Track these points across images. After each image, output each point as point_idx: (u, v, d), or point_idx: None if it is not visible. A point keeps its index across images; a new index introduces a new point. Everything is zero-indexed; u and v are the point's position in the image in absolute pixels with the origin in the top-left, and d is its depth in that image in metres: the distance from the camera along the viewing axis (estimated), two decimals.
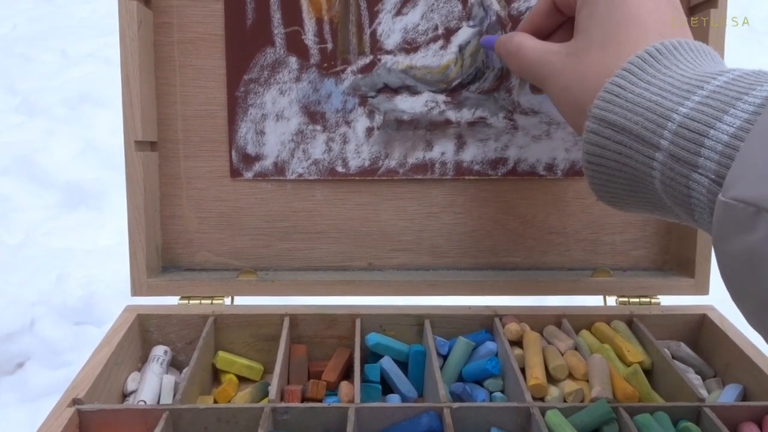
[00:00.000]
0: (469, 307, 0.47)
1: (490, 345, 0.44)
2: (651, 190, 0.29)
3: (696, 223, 0.27)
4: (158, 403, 0.40)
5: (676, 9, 0.34)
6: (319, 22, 0.46)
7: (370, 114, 0.47)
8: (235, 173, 0.47)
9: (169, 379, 0.41)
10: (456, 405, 0.36)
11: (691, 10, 0.47)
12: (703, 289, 0.48)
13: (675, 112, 0.26)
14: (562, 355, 0.43)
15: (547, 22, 0.39)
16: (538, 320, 0.46)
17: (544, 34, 0.40)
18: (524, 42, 0.38)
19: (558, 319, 0.46)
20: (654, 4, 0.33)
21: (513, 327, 0.44)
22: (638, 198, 0.31)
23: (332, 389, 0.42)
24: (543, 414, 0.36)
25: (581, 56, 0.34)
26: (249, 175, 0.47)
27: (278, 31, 0.46)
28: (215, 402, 0.41)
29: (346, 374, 0.45)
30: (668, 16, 0.33)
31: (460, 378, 0.43)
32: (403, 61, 0.46)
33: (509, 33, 0.41)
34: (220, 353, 0.44)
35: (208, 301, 0.46)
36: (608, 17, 0.33)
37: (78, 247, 1.11)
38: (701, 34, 0.45)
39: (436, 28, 0.46)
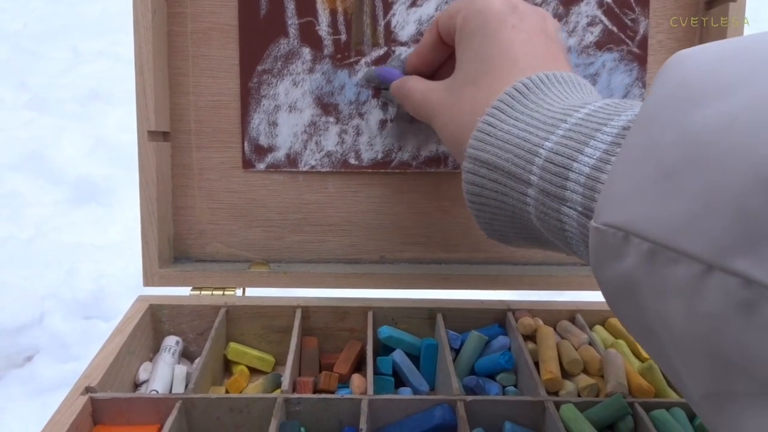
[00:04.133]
0: (482, 301, 0.46)
1: (503, 339, 0.43)
2: (531, 226, 0.29)
3: (575, 254, 0.27)
4: (170, 393, 0.40)
5: (551, 40, 0.34)
6: (333, 13, 0.45)
7: (384, 106, 0.47)
8: (247, 164, 0.47)
9: (181, 370, 0.41)
10: (470, 398, 0.36)
11: (708, 5, 0.46)
12: None
13: (541, 147, 0.26)
14: (576, 349, 0.42)
15: (434, 54, 0.40)
16: (551, 315, 0.46)
17: (433, 66, 0.41)
18: (413, 84, 0.39)
19: (572, 314, 0.46)
20: (526, 37, 0.33)
21: (526, 321, 0.44)
22: (522, 234, 0.31)
23: (344, 382, 0.42)
24: (558, 408, 0.36)
25: (456, 93, 0.34)
26: (261, 166, 0.47)
27: (292, 21, 0.45)
28: (227, 393, 0.41)
29: (358, 367, 0.44)
30: (542, 49, 0.33)
31: (473, 372, 0.43)
32: None
33: (402, 77, 0.41)
34: (232, 344, 0.44)
35: (220, 292, 0.46)
36: (481, 53, 0.33)
37: (88, 243, 1.11)
38: (719, 30, 0.45)
39: None
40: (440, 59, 0.40)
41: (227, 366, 0.45)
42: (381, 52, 0.46)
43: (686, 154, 0.18)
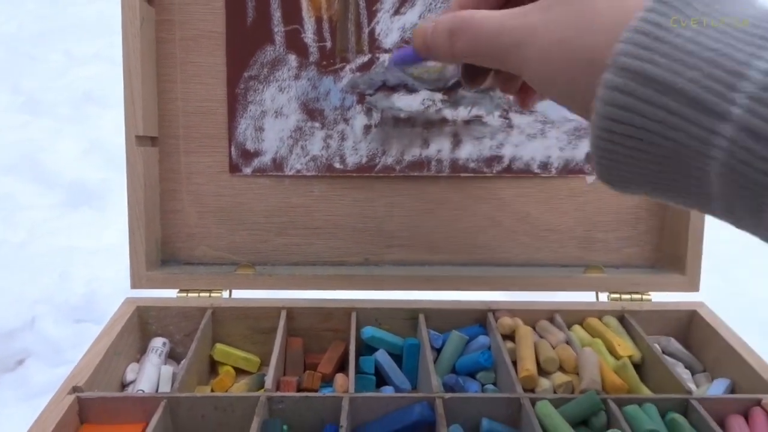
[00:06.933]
0: (463, 302, 0.47)
1: (483, 339, 0.44)
2: (698, 176, 0.21)
3: (762, 229, 0.20)
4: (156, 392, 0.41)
5: None
6: (319, 20, 0.47)
7: (368, 112, 0.48)
8: (234, 169, 0.48)
9: (168, 370, 0.42)
10: (448, 395, 0.37)
11: None
12: (693, 285, 0.48)
13: (750, 67, 0.19)
14: (554, 348, 0.43)
15: None
16: (531, 315, 0.47)
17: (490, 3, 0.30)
18: (479, 15, 0.27)
19: (551, 314, 0.47)
20: None
21: (506, 321, 0.45)
22: (668, 184, 0.22)
23: (327, 381, 0.43)
24: (533, 405, 0.37)
25: (574, 4, 0.24)
26: (248, 170, 0.48)
27: (278, 29, 0.46)
28: (212, 392, 0.42)
29: (342, 367, 0.45)
30: None
31: (454, 371, 0.44)
32: None
33: (453, 13, 0.29)
34: (218, 345, 0.45)
35: (207, 294, 0.47)
36: None
37: (80, 246, 1.12)
38: None
39: None
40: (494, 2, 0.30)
41: (213, 366, 0.46)
42: (365, 58, 0.47)
43: None
